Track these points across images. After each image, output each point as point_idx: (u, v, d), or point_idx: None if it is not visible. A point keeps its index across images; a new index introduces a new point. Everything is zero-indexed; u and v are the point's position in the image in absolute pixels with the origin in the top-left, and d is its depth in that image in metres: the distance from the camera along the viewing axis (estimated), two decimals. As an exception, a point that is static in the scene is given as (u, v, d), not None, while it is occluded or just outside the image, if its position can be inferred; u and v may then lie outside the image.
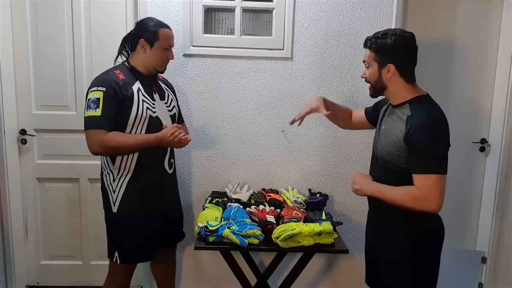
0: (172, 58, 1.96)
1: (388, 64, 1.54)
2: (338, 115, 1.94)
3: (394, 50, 1.53)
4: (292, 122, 1.88)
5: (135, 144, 1.81)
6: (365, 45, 1.60)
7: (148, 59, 1.88)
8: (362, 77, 1.67)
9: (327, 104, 1.86)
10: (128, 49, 1.93)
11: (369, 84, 1.64)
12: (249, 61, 2.35)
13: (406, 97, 1.56)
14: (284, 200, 2.23)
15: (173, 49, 2.28)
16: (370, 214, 1.80)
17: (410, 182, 1.52)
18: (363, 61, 1.63)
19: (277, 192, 2.34)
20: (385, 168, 1.60)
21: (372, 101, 2.35)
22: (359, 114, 1.96)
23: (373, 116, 1.85)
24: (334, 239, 1.89)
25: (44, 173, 2.53)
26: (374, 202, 1.72)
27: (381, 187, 1.60)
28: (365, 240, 1.84)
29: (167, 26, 1.92)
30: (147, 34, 1.86)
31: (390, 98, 1.64)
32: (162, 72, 1.99)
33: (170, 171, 2.00)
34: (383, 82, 1.58)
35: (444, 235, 1.63)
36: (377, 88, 1.62)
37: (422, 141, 1.46)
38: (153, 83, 1.96)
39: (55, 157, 2.52)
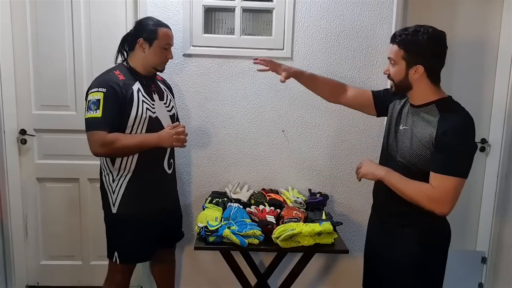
0: (171, 58, 1.96)
1: (417, 65, 1.44)
2: (317, 84, 1.85)
3: (425, 50, 1.43)
4: (255, 59, 1.85)
5: (136, 144, 1.81)
6: (393, 41, 1.48)
7: (147, 58, 1.88)
8: (385, 73, 1.57)
9: (302, 76, 1.81)
10: (126, 49, 1.93)
11: (392, 82, 1.55)
12: (249, 61, 2.34)
13: (430, 98, 1.50)
14: (284, 200, 2.23)
15: (173, 49, 2.28)
16: (376, 217, 1.75)
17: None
18: (388, 58, 1.52)
19: (277, 192, 2.34)
20: (406, 170, 1.52)
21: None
22: (363, 94, 1.81)
23: (381, 105, 1.74)
24: (334, 239, 1.89)
25: (44, 173, 2.53)
26: (382, 205, 1.68)
27: (394, 173, 1.51)
28: (365, 243, 1.81)
29: (166, 26, 1.92)
30: (146, 33, 1.86)
31: (412, 97, 1.55)
32: (161, 72, 1.99)
33: (170, 171, 2.00)
34: (409, 82, 1.48)
35: (450, 238, 1.60)
36: (401, 88, 1.53)
37: (455, 143, 1.40)
38: (152, 83, 1.95)
39: (55, 157, 2.52)
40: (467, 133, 1.44)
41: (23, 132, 2.48)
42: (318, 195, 2.30)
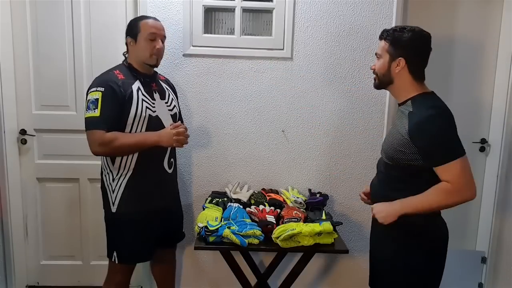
0: (160, 48, 1.88)
1: (399, 58, 1.54)
2: None
3: (407, 44, 1.53)
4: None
5: (135, 143, 1.81)
6: (381, 37, 1.61)
7: (136, 53, 1.88)
8: (371, 69, 1.66)
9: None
10: (126, 52, 1.95)
11: (375, 75, 1.64)
12: (249, 61, 2.35)
13: (410, 94, 1.56)
14: (284, 200, 2.23)
15: (173, 49, 2.28)
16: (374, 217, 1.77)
17: (415, 177, 1.50)
18: (376, 53, 1.64)
19: (277, 192, 2.34)
20: (388, 165, 1.59)
21: (373, 98, 2.37)
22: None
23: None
24: (334, 239, 1.89)
25: (44, 173, 2.53)
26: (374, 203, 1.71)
27: (408, 200, 1.51)
28: (369, 243, 1.81)
29: (149, 17, 1.92)
30: (130, 29, 1.89)
31: (395, 94, 1.63)
32: (155, 66, 1.94)
33: (170, 171, 1.99)
34: (391, 75, 1.57)
35: (448, 239, 1.61)
36: (383, 81, 1.61)
37: (429, 134, 1.45)
38: (153, 82, 1.95)
39: (55, 157, 2.52)
40: (437, 120, 1.47)
41: (23, 132, 2.48)
42: (318, 195, 2.30)
